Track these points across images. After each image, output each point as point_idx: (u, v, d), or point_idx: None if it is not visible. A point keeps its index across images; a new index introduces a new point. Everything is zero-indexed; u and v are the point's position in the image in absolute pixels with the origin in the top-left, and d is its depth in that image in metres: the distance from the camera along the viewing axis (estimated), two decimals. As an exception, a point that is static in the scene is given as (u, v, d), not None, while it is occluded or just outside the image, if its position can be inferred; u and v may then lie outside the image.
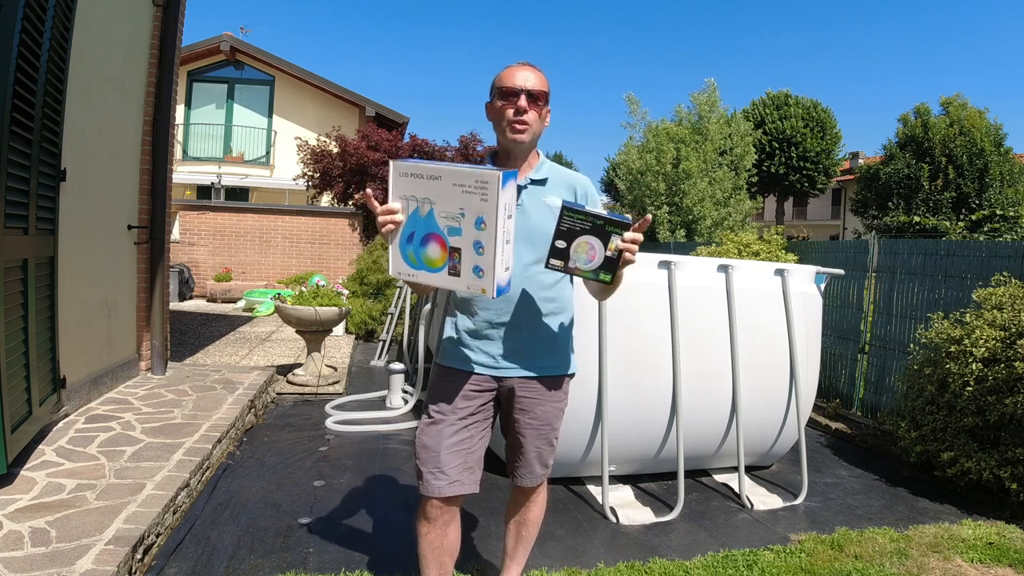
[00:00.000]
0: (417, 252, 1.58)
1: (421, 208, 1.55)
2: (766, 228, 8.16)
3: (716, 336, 3.29)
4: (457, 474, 1.77)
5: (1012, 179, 23.46)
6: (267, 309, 9.44)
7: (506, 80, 1.73)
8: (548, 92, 1.77)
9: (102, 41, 3.87)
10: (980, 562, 2.66)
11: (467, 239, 1.51)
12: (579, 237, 1.57)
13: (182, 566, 2.35)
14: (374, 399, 4.89)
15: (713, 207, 15.15)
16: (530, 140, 1.75)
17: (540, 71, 1.76)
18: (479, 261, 1.51)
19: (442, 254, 1.55)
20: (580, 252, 1.58)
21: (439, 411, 1.81)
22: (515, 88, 1.70)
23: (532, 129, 1.74)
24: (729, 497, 3.35)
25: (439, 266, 1.56)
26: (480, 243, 1.49)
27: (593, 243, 1.56)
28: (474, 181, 1.46)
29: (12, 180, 2.63)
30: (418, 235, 1.57)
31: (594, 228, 1.55)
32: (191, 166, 16.25)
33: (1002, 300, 3.47)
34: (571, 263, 1.60)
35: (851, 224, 32.45)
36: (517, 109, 1.70)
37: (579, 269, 1.60)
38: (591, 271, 1.59)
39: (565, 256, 1.59)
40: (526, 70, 1.74)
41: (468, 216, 1.49)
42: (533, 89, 1.71)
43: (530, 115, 1.72)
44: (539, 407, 1.85)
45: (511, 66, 1.76)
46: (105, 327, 4.08)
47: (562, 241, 1.59)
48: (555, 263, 1.61)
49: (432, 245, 1.56)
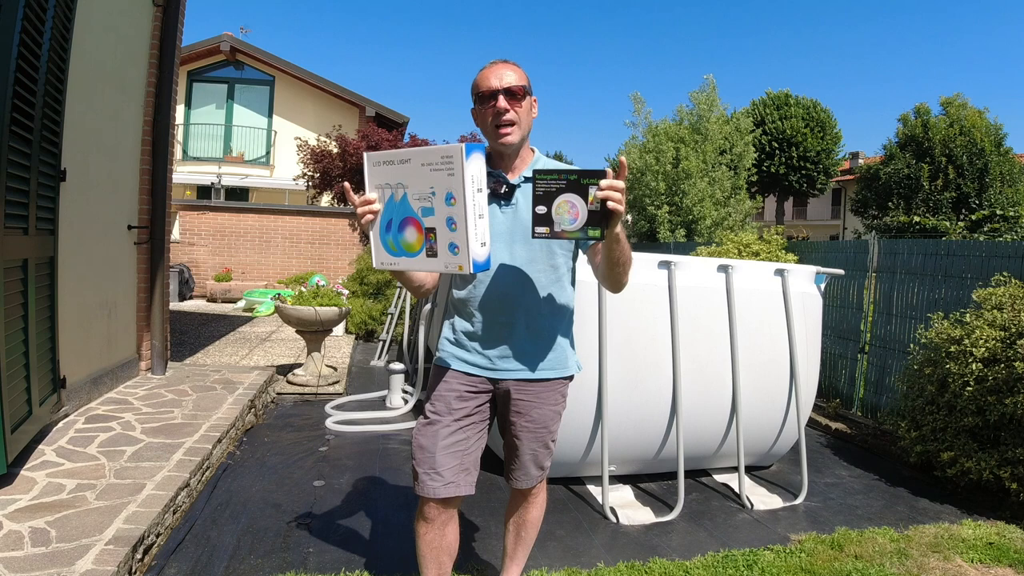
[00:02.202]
0: (396, 239, 1.59)
1: (396, 194, 1.57)
2: (766, 228, 8.16)
3: (716, 336, 3.29)
4: (453, 475, 1.75)
5: (1012, 179, 23.46)
6: (267, 309, 9.44)
7: (482, 84, 1.71)
8: (527, 85, 1.73)
9: (102, 41, 3.87)
10: (980, 562, 2.66)
11: (440, 217, 1.51)
12: (557, 197, 1.52)
13: (182, 566, 2.34)
14: (374, 399, 4.89)
15: (713, 207, 15.15)
16: (519, 139, 1.73)
17: (515, 65, 1.74)
18: (453, 237, 1.50)
19: (418, 237, 1.56)
20: (563, 213, 1.52)
21: (435, 412, 1.80)
22: (492, 89, 1.68)
23: (518, 127, 1.71)
24: (729, 497, 3.35)
25: (417, 249, 1.57)
26: (452, 219, 1.49)
27: (573, 200, 1.51)
28: (440, 157, 1.47)
29: (12, 180, 2.63)
30: (395, 221, 1.58)
31: (569, 184, 1.51)
32: (191, 166, 16.25)
33: (1002, 300, 3.47)
34: (556, 227, 1.53)
35: (851, 224, 32.46)
36: (497, 111, 1.68)
37: (566, 232, 1.53)
38: (578, 230, 1.52)
39: (548, 221, 1.54)
40: (499, 68, 1.71)
41: (438, 194, 1.49)
42: (511, 86, 1.68)
43: (512, 113, 1.69)
44: (535, 410, 1.83)
45: (484, 68, 1.74)
46: (105, 327, 4.08)
47: (542, 206, 1.54)
48: (540, 231, 1.55)
49: (409, 229, 1.57)
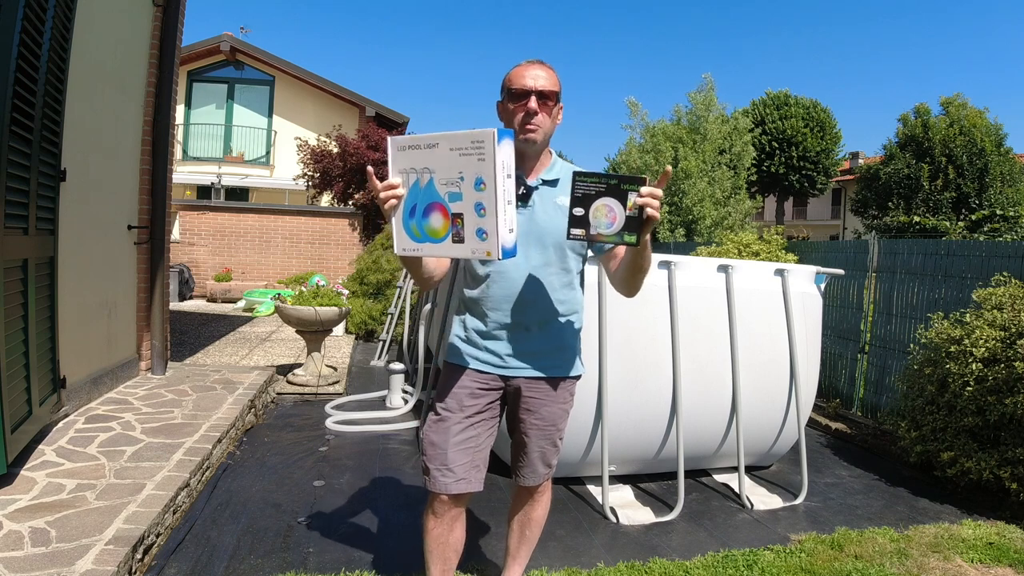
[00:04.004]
0: (420, 224, 1.56)
1: (421, 179, 1.54)
2: (766, 228, 8.16)
3: (716, 336, 3.29)
4: (464, 472, 1.78)
5: (1012, 179, 23.47)
6: (267, 309, 9.44)
7: (516, 81, 1.72)
8: (559, 91, 1.76)
9: (102, 41, 3.87)
10: (980, 562, 2.66)
11: (468, 202, 1.48)
12: (596, 201, 1.52)
13: (182, 566, 2.34)
14: (374, 399, 4.89)
15: (713, 207, 15.17)
16: (542, 140, 1.75)
17: (551, 68, 1.75)
18: (482, 223, 1.48)
19: (444, 223, 1.53)
20: (600, 216, 1.53)
21: (447, 408, 1.81)
22: (525, 89, 1.70)
23: (543, 129, 1.73)
24: (729, 497, 3.35)
25: (443, 235, 1.54)
26: (481, 204, 1.47)
27: (611, 204, 1.52)
28: (470, 142, 1.45)
29: (12, 180, 2.62)
30: (420, 207, 1.55)
31: (609, 189, 1.51)
32: (191, 166, 16.25)
33: (1002, 300, 3.47)
34: (592, 229, 1.53)
35: (851, 224, 32.45)
36: (528, 112, 1.70)
37: (601, 235, 1.53)
38: (614, 234, 1.52)
39: (585, 223, 1.54)
40: (536, 68, 1.73)
41: (467, 179, 1.47)
42: (544, 89, 1.70)
43: (540, 116, 1.71)
44: (544, 408, 1.86)
45: (520, 65, 1.75)
46: (105, 327, 4.08)
47: (579, 208, 1.53)
48: (576, 232, 1.55)
49: (435, 215, 1.54)
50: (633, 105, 17.34)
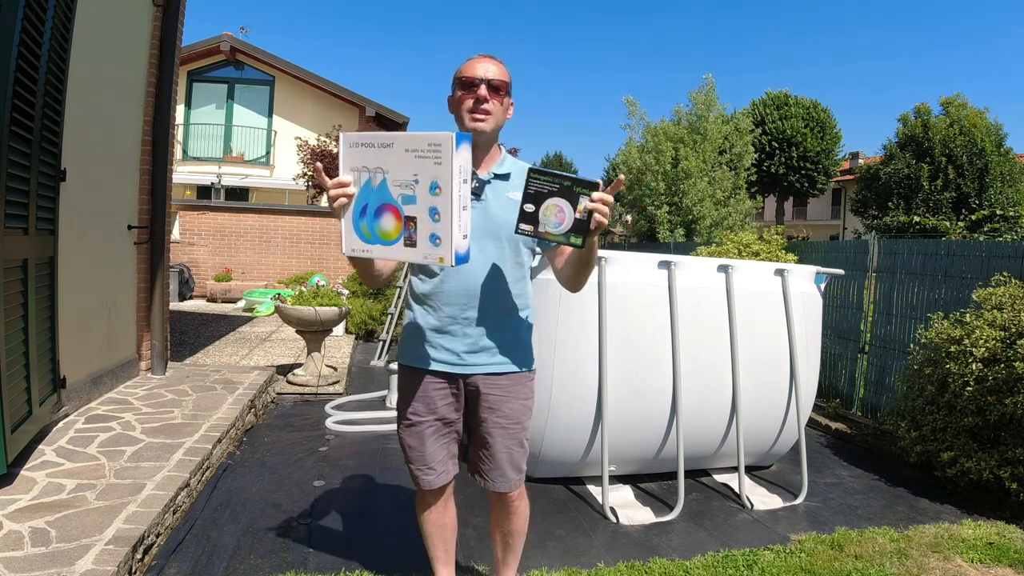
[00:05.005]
0: (371, 225, 1.53)
1: (373, 178, 1.51)
2: (766, 228, 8.15)
3: (716, 336, 3.29)
4: (443, 465, 1.91)
5: (1012, 179, 23.47)
6: (267, 309, 9.44)
7: (466, 71, 1.72)
8: (509, 83, 1.75)
9: (102, 41, 3.87)
10: (980, 562, 2.66)
11: (422, 206, 1.46)
12: (547, 200, 1.54)
13: (182, 566, 2.35)
14: (374, 399, 4.89)
15: (713, 207, 15.15)
16: (492, 130, 1.74)
17: (501, 62, 1.76)
18: (436, 228, 1.46)
19: (397, 225, 1.50)
20: (549, 215, 1.54)
21: (416, 413, 1.83)
22: (475, 78, 1.70)
23: (493, 118, 1.73)
24: (729, 497, 3.35)
25: (394, 238, 1.51)
26: (436, 209, 1.45)
27: (562, 205, 1.53)
28: (427, 144, 1.42)
29: (12, 180, 2.62)
30: (371, 207, 1.52)
31: (562, 189, 1.52)
32: (191, 166, 16.25)
33: (1002, 300, 3.47)
34: (541, 227, 1.55)
35: (851, 224, 32.45)
36: (477, 99, 1.70)
37: (549, 233, 1.55)
38: (561, 234, 1.54)
39: (534, 220, 1.55)
40: (486, 61, 1.73)
41: (422, 182, 1.45)
42: (494, 79, 1.70)
43: (491, 104, 1.71)
44: (506, 404, 1.83)
45: (471, 58, 1.76)
46: (105, 327, 4.08)
47: (530, 205, 1.55)
48: (524, 228, 1.57)
49: (387, 216, 1.51)
50: (631, 104, 17.31)
